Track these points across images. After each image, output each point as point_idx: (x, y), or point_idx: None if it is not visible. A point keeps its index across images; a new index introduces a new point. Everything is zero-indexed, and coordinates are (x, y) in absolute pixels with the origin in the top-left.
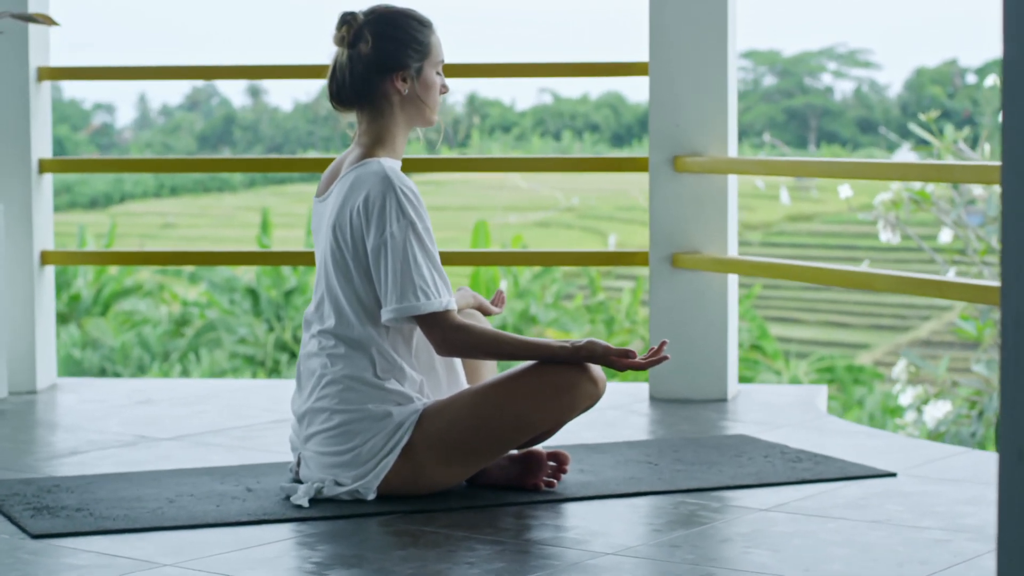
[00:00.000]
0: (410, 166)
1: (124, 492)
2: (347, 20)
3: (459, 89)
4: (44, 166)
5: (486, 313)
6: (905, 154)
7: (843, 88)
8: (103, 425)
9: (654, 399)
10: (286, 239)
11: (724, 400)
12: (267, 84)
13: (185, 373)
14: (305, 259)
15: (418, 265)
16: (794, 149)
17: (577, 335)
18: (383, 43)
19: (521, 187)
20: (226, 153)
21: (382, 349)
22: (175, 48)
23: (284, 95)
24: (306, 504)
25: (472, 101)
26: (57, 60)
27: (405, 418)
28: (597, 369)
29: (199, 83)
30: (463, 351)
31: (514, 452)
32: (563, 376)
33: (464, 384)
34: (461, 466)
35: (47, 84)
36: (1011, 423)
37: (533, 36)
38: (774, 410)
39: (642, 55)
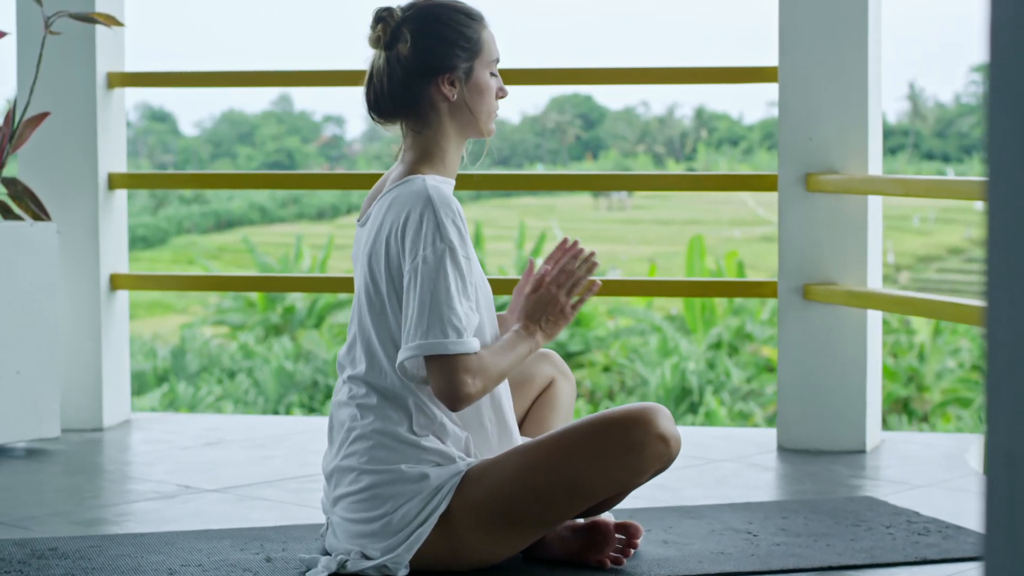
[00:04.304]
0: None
1: (125, 560)
2: (382, 17)
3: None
4: (114, 181)
5: None
6: None
7: None
8: (151, 471)
9: (782, 449)
10: (498, 251)
11: (862, 452)
12: None
13: None
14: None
15: (450, 297)
16: None
17: None
18: (425, 42)
19: (747, 202)
20: None
21: (419, 401)
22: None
23: (512, 108)
24: None
25: (700, 115)
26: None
27: (444, 481)
28: (668, 424)
29: None
30: (483, 394)
31: (579, 520)
32: (627, 435)
33: (517, 440)
34: (508, 538)
35: (120, 91)
36: None
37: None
38: (917, 465)
39: (771, 59)
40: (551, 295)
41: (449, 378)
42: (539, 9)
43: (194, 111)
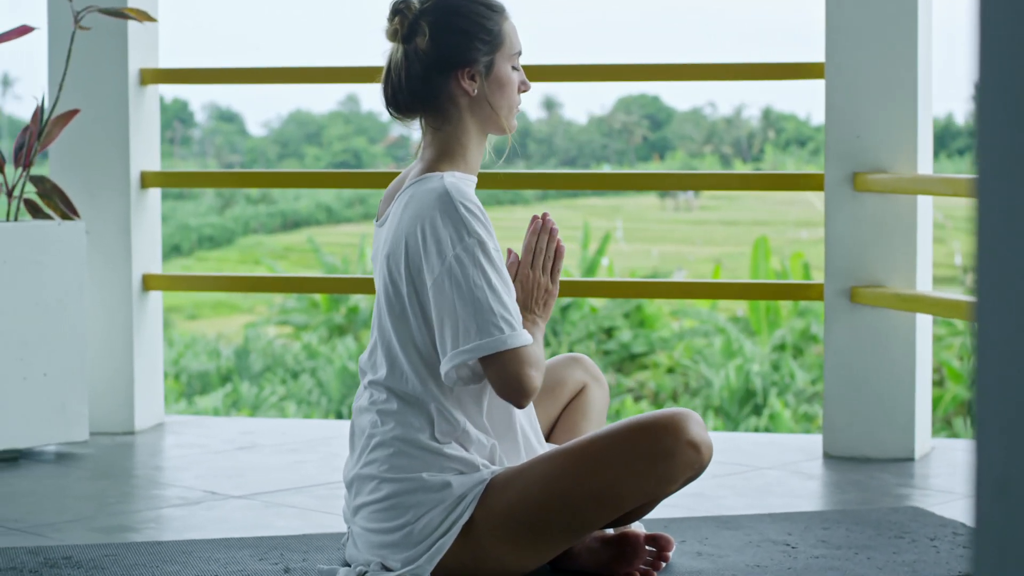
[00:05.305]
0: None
1: (139, 570)
2: (399, 10)
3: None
4: (147, 180)
5: None
6: None
7: None
8: (179, 476)
9: (828, 456)
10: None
11: (911, 460)
12: (563, 98)
13: None
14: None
15: (495, 291)
16: None
17: None
18: (443, 35)
19: (813, 204)
20: (519, 166)
21: (442, 407)
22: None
23: (579, 108)
24: None
25: (767, 115)
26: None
27: (467, 490)
28: (699, 431)
29: None
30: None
31: (609, 531)
32: (657, 442)
33: (543, 447)
34: (534, 549)
35: (153, 88)
36: None
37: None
38: (967, 473)
39: (816, 55)
40: (531, 279)
41: (514, 374)
42: (550, 6)
43: (262, 111)
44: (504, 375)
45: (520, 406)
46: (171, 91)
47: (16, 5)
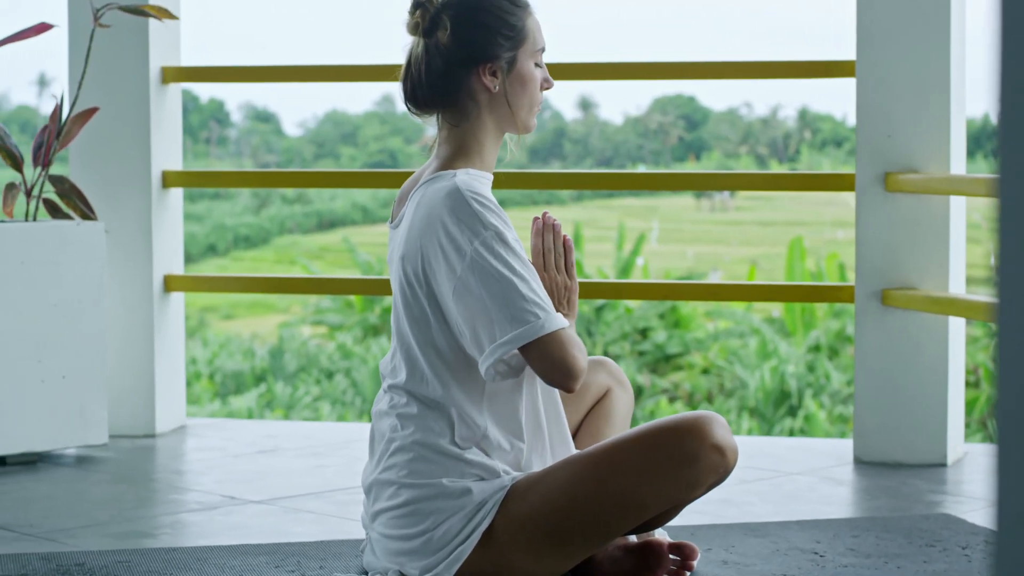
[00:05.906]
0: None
1: None
2: (421, 3)
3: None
4: (168, 179)
5: None
6: None
7: None
8: (198, 481)
9: (859, 462)
10: (598, 252)
11: (943, 465)
12: (599, 98)
13: None
14: None
15: (522, 277)
16: None
17: None
18: (465, 29)
19: (850, 204)
20: (555, 166)
21: (463, 411)
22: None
23: (615, 109)
24: None
25: (803, 116)
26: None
27: (488, 496)
28: (724, 434)
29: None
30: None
31: (632, 538)
32: (681, 446)
33: (571, 449)
34: (555, 557)
35: (175, 87)
36: None
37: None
38: None
39: (833, 54)
40: (547, 280)
41: (559, 357)
42: (565, 3)
43: (297, 112)
44: (548, 360)
45: (570, 390)
46: (207, 91)
47: (34, 3)
